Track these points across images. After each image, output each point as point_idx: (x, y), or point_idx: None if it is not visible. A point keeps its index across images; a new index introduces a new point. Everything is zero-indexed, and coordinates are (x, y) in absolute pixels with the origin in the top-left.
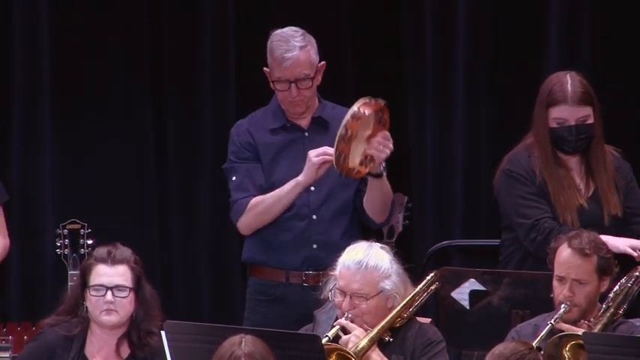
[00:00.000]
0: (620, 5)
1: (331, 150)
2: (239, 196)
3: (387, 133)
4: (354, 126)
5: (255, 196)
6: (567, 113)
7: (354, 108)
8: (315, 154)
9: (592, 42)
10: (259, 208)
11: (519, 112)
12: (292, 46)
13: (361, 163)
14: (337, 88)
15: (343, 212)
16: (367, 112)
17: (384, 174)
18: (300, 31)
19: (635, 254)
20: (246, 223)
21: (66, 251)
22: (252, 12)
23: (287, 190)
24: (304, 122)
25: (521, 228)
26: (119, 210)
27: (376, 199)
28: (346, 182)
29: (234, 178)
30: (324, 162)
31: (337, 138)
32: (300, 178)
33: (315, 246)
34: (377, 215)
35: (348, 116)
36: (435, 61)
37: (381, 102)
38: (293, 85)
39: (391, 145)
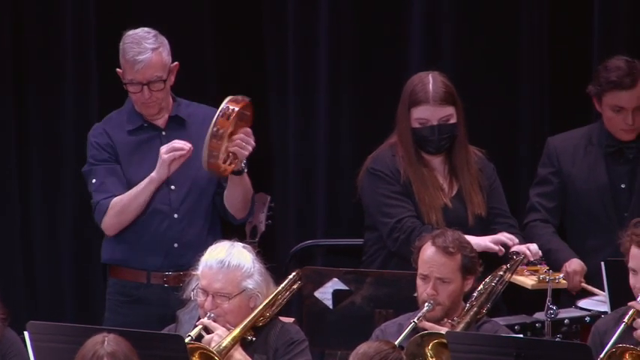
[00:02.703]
0: (481, 4)
1: (181, 144)
2: (100, 198)
3: (249, 130)
4: (225, 124)
5: (115, 196)
6: (429, 113)
7: (223, 106)
8: (166, 150)
9: (455, 42)
10: (117, 207)
11: (382, 112)
12: (144, 49)
13: (224, 161)
14: (198, 86)
15: (205, 210)
16: (236, 109)
17: (245, 171)
18: (153, 32)
19: (496, 248)
20: (108, 223)
21: None
22: (114, 11)
23: (142, 187)
24: (161, 122)
25: (384, 227)
26: None
27: (237, 195)
28: (207, 180)
29: (94, 181)
30: (174, 158)
31: (208, 137)
32: (153, 174)
33: (176, 245)
34: (238, 211)
35: (217, 114)
36: (297, 60)
37: (247, 99)
38: (145, 87)
39: (253, 142)
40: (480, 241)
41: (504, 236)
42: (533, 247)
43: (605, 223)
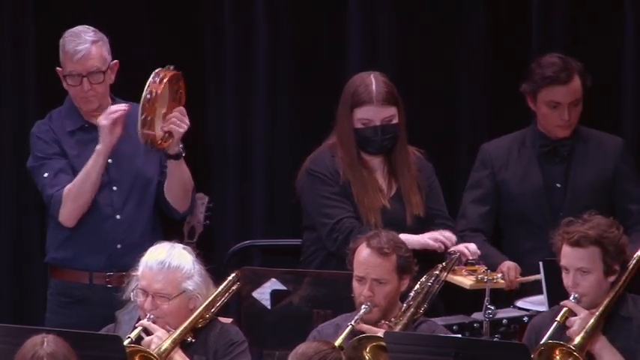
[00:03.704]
0: (420, 5)
1: (116, 107)
2: (53, 191)
3: (183, 109)
4: (157, 87)
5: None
6: (372, 114)
7: (154, 73)
8: (104, 117)
9: (393, 42)
10: (72, 193)
11: (321, 113)
12: (84, 40)
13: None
14: (137, 86)
15: (147, 211)
16: (167, 74)
17: (183, 154)
18: (92, 28)
19: (435, 246)
20: (66, 214)
21: None
22: (53, 9)
23: (91, 164)
24: None
25: (324, 227)
26: None
27: (177, 184)
28: (148, 180)
29: (45, 175)
30: (114, 120)
31: (142, 102)
32: (99, 147)
33: (119, 246)
34: (179, 202)
35: (149, 80)
36: (235, 60)
37: (177, 70)
38: (85, 79)
39: (187, 121)
40: (419, 239)
41: (442, 235)
42: (472, 246)
43: (541, 225)
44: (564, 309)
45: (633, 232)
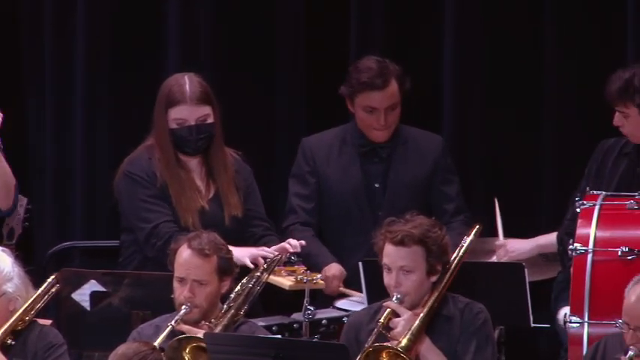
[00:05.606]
0: (239, 4)
1: None
2: None
3: None
4: None
5: None
6: (187, 113)
7: None
8: None
9: (212, 42)
10: None
11: (139, 114)
12: None
13: None
14: None
15: None
16: None
17: (1, 148)
18: None
19: (251, 266)
20: None
21: None
22: None
23: None
24: None
25: (141, 232)
26: None
27: None
28: None
29: None
30: None
31: None
32: None
33: None
34: (0, 200)
35: None
36: (53, 60)
37: None
38: None
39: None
40: (238, 255)
41: (264, 251)
42: (293, 241)
43: (361, 223)
44: (387, 310)
45: (448, 232)
